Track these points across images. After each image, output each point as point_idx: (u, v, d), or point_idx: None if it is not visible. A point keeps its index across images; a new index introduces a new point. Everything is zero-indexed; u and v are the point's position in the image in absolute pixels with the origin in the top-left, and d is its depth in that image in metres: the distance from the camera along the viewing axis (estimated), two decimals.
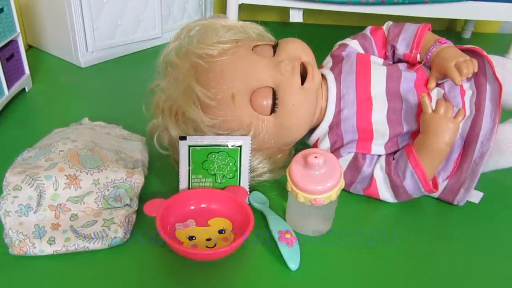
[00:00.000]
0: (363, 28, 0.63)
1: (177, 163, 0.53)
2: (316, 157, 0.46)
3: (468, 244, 0.51)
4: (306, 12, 1.05)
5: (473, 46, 0.56)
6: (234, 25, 0.57)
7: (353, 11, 1.02)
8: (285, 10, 1.04)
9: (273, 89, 0.51)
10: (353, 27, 1.14)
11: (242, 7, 1.04)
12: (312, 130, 0.58)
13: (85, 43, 0.89)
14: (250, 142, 0.53)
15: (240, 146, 0.53)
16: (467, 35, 1.34)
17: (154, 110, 0.56)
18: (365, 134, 0.54)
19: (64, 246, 0.44)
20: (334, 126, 0.56)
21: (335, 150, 0.55)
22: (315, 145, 0.58)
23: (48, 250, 0.44)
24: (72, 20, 0.86)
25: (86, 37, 0.89)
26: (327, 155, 0.48)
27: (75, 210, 0.46)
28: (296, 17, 1.05)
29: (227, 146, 0.53)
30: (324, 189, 0.46)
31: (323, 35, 0.57)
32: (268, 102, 0.52)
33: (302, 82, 0.51)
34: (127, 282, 0.43)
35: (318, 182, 0.46)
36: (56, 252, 0.44)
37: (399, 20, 0.63)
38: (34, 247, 0.44)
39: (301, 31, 0.58)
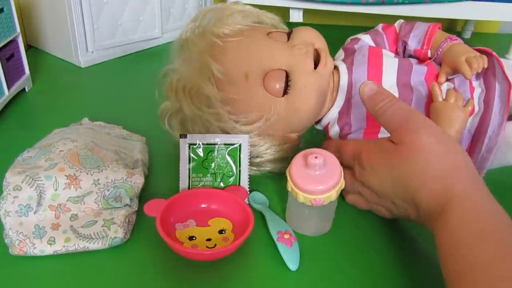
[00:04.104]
0: (364, 28, 0.63)
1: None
2: (316, 157, 0.46)
3: None
4: (306, 12, 1.05)
5: (483, 47, 0.56)
6: (250, 12, 0.58)
7: (353, 11, 1.02)
8: (285, 10, 1.04)
9: (286, 71, 0.52)
10: (353, 27, 1.14)
11: None
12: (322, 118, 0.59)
13: (85, 43, 0.89)
14: (249, 140, 0.54)
15: (240, 145, 0.54)
16: (467, 35, 1.34)
17: (167, 91, 0.57)
18: (373, 123, 0.55)
19: (64, 246, 0.44)
20: (344, 113, 0.57)
21: (343, 136, 0.56)
22: (326, 128, 0.59)
23: (48, 250, 0.44)
24: (72, 20, 0.86)
25: (86, 37, 0.89)
26: (327, 155, 0.48)
27: (75, 210, 0.46)
28: (296, 17, 1.05)
29: (227, 144, 0.53)
30: (324, 189, 0.46)
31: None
32: (281, 84, 0.52)
33: (315, 68, 0.53)
34: (127, 282, 0.43)
35: (318, 182, 0.46)
36: (56, 252, 0.44)
37: (400, 19, 0.63)
38: (34, 247, 0.44)
39: None
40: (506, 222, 0.38)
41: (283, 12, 0.61)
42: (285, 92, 0.53)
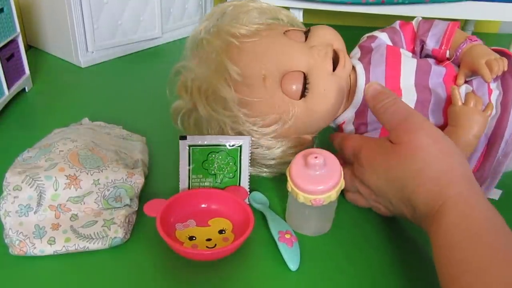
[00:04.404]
0: (364, 28, 0.63)
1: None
2: (316, 157, 0.46)
3: None
4: (306, 12, 1.05)
5: (501, 48, 0.56)
6: (267, 9, 0.57)
7: (353, 11, 1.02)
8: None
9: (304, 73, 0.52)
10: (353, 27, 1.14)
11: None
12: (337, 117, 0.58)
13: (85, 43, 0.89)
14: (250, 142, 0.53)
15: (240, 146, 0.53)
16: None
17: (180, 90, 0.55)
18: None
19: (64, 246, 0.44)
20: (360, 113, 0.56)
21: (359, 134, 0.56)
22: (340, 126, 0.59)
23: (48, 250, 0.44)
24: (72, 20, 0.85)
25: (86, 37, 0.88)
26: (327, 155, 0.48)
27: (75, 210, 0.46)
28: (296, 17, 1.05)
29: (227, 146, 0.53)
30: (324, 189, 0.46)
31: None
32: (298, 86, 0.52)
33: (334, 69, 0.52)
34: (127, 282, 0.43)
35: (318, 182, 0.46)
36: (56, 252, 0.44)
37: (400, 19, 0.63)
38: (34, 247, 0.44)
39: None
40: (500, 227, 0.38)
41: None
42: (302, 94, 0.52)
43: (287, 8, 1.03)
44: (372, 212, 0.52)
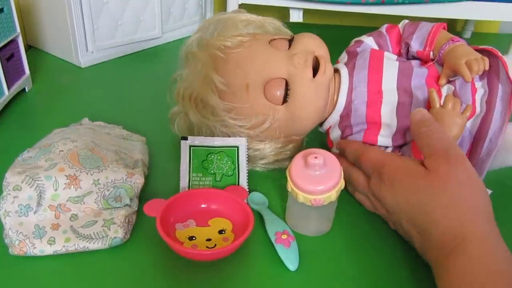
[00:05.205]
0: (364, 28, 0.63)
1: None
2: (316, 157, 0.46)
3: None
4: (306, 12, 1.05)
5: (488, 46, 0.56)
6: (253, 20, 0.60)
7: (353, 11, 1.02)
8: (285, 10, 1.04)
9: (286, 80, 0.53)
10: (353, 27, 1.14)
11: (242, 7, 1.04)
12: (323, 121, 0.60)
13: (85, 43, 0.89)
14: (246, 144, 0.55)
15: (237, 147, 0.55)
16: (467, 35, 1.34)
17: (176, 97, 0.59)
18: (373, 126, 0.55)
19: (64, 246, 0.44)
20: (345, 116, 0.57)
21: (345, 138, 0.57)
22: (327, 131, 0.60)
23: (48, 250, 0.44)
24: (72, 20, 0.86)
25: (86, 37, 0.89)
26: (327, 155, 0.48)
27: (75, 210, 0.46)
28: (296, 17, 1.05)
29: (225, 147, 0.55)
30: (324, 189, 0.46)
31: (323, 35, 0.57)
32: (280, 92, 0.54)
33: (315, 75, 0.53)
34: (127, 282, 0.43)
35: (318, 182, 0.46)
36: (56, 253, 0.44)
37: (400, 20, 0.63)
38: (34, 247, 0.44)
39: (301, 31, 0.58)
40: None
41: (283, 12, 0.61)
42: (284, 100, 0.54)
43: (287, 8, 1.04)
44: (373, 213, 0.52)
